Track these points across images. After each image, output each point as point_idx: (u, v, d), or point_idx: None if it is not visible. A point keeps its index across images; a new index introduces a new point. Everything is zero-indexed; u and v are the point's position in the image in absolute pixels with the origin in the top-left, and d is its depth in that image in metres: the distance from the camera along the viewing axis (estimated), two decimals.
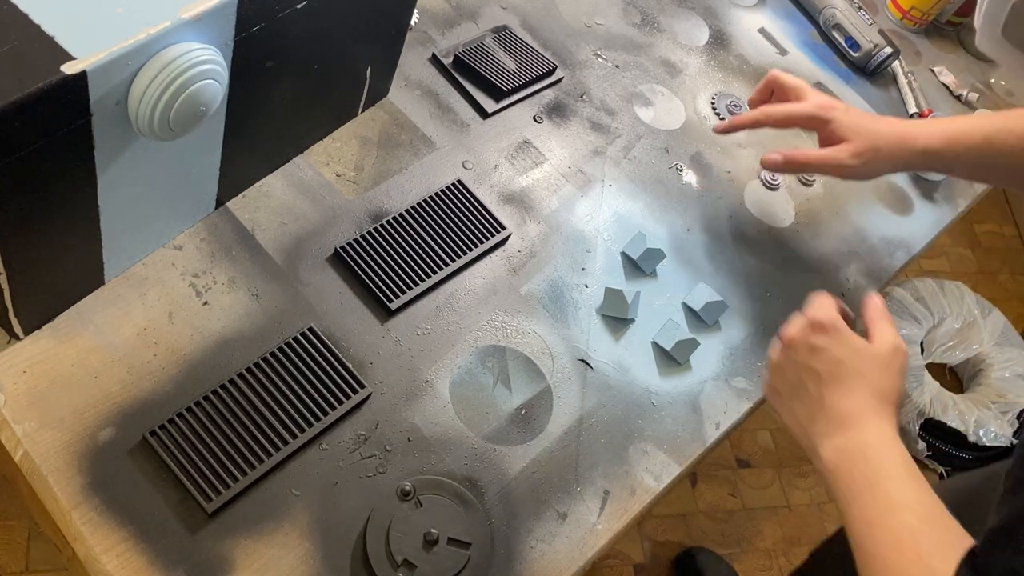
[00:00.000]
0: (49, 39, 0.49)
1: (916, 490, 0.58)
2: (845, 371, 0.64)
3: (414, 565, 0.62)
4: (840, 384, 0.64)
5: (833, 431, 0.63)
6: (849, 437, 0.62)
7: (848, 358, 0.65)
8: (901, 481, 0.59)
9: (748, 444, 1.78)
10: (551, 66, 0.96)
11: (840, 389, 0.64)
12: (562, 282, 0.82)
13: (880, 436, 0.62)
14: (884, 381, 0.64)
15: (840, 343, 0.66)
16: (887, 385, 0.64)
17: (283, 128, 0.74)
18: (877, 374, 0.64)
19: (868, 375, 0.64)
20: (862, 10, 1.19)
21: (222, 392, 0.65)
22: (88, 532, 0.58)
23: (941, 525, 0.56)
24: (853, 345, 0.66)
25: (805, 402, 0.66)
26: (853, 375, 0.64)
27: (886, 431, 0.62)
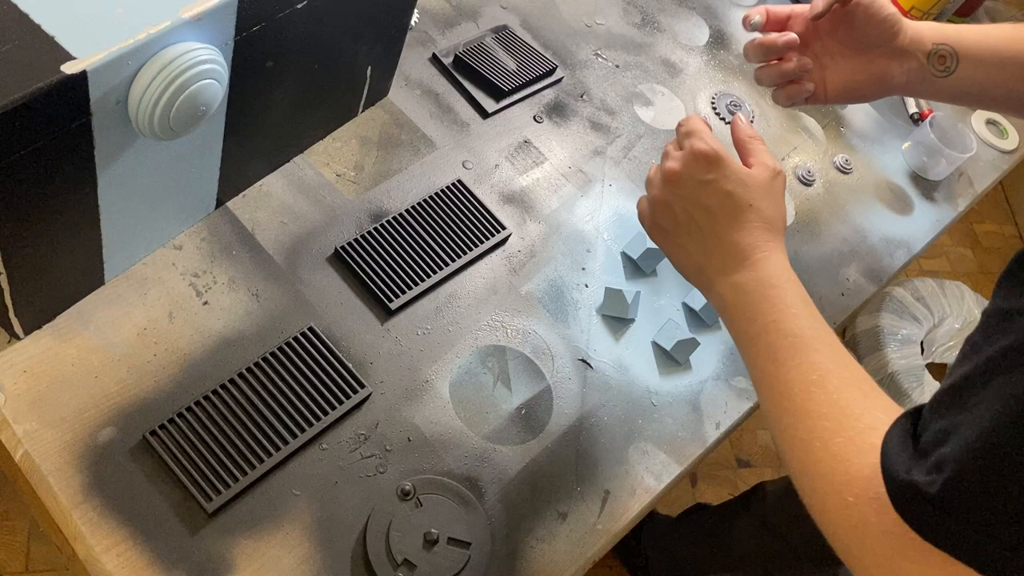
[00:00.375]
0: (49, 39, 0.49)
1: (817, 327, 0.58)
2: (735, 203, 0.63)
3: (414, 565, 0.62)
4: (733, 217, 0.63)
5: (730, 267, 0.62)
6: (748, 272, 0.62)
7: (737, 189, 0.63)
8: (804, 318, 0.58)
9: (748, 444, 1.78)
10: (551, 66, 0.96)
11: (734, 223, 0.63)
12: (562, 282, 0.82)
13: (778, 269, 0.61)
14: (772, 209, 0.64)
15: (727, 175, 0.64)
16: (775, 212, 0.64)
17: (283, 128, 0.74)
18: (765, 202, 0.64)
19: (757, 205, 0.63)
20: None
21: (222, 392, 0.65)
22: (88, 532, 0.58)
23: (849, 364, 0.56)
24: (739, 175, 0.64)
25: (697, 238, 0.65)
26: (744, 207, 0.63)
27: (782, 262, 0.62)
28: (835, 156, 1.06)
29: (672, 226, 0.67)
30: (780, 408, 0.57)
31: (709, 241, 0.64)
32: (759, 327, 0.60)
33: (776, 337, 0.59)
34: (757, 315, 0.60)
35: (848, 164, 1.05)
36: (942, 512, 0.43)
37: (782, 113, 1.08)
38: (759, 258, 0.62)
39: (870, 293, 0.96)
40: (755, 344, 0.60)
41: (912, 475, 0.44)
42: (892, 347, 1.87)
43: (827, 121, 1.10)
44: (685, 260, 0.67)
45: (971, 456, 0.42)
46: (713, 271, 0.64)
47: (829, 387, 0.55)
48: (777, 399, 0.57)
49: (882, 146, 1.11)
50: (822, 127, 1.09)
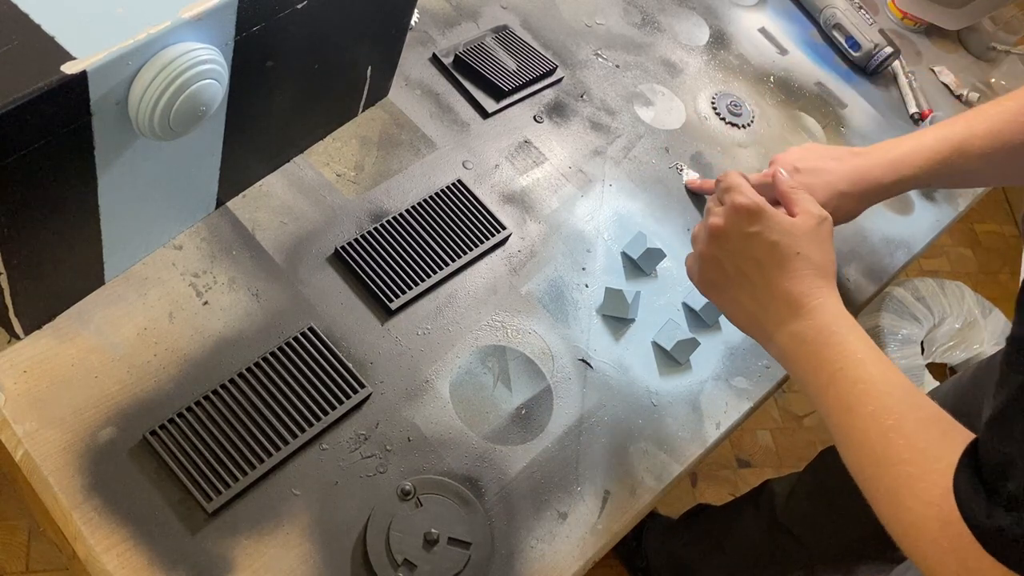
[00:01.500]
0: (49, 39, 0.49)
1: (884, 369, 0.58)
2: (783, 253, 0.64)
3: (414, 565, 0.62)
4: (783, 267, 0.63)
5: (786, 317, 0.63)
6: (805, 321, 0.62)
7: (783, 239, 0.64)
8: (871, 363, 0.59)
9: (748, 444, 1.78)
10: (551, 66, 0.96)
11: (784, 272, 0.63)
12: (562, 282, 0.82)
13: (835, 315, 0.61)
14: (820, 254, 0.64)
15: (771, 225, 0.64)
16: (824, 258, 0.64)
17: (283, 128, 0.74)
18: (813, 248, 0.64)
19: (805, 252, 0.64)
20: (863, 10, 1.19)
21: (222, 392, 0.65)
22: (88, 532, 0.58)
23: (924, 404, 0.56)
24: (783, 225, 0.65)
25: (748, 291, 0.65)
26: (791, 255, 0.63)
27: (838, 307, 0.62)
28: None
29: (723, 281, 0.67)
30: (861, 457, 0.56)
31: (761, 293, 0.64)
32: (826, 376, 0.60)
33: (845, 385, 0.58)
34: (823, 364, 0.60)
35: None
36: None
37: (782, 113, 1.08)
38: (814, 305, 0.62)
39: (870, 293, 0.96)
40: (825, 395, 0.60)
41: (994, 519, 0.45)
42: (892, 347, 1.87)
43: (827, 121, 1.10)
44: (740, 314, 0.67)
45: None
46: (770, 323, 0.64)
47: (906, 431, 0.54)
48: (856, 448, 0.57)
49: None
50: (822, 127, 1.09)
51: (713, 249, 0.67)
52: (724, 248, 0.66)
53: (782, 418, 1.86)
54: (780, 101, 1.09)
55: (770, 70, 1.12)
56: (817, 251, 0.64)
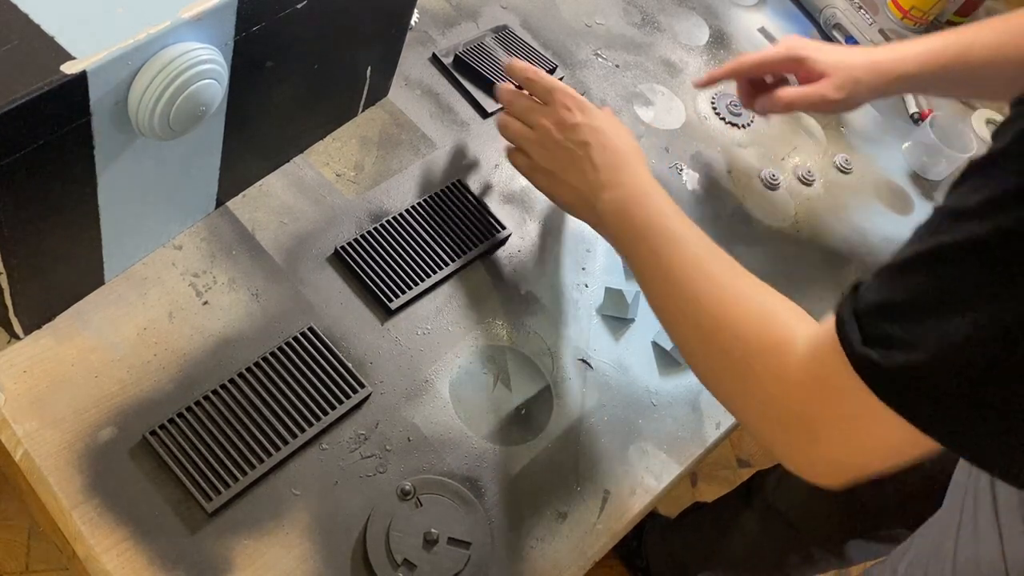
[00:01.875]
0: (49, 39, 0.49)
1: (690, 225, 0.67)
2: (605, 136, 0.73)
3: (414, 565, 0.62)
4: (605, 147, 0.72)
5: (608, 186, 0.71)
6: (625, 188, 0.70)
7: (603, 124, 0.74)
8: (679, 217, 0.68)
9: (748, 444, 1.78)
10: (551, 66, 0.96)
11: (607, 151, 0.72)
12: (562, 282, 0.82)
13: (650, 182, 0.71)
14: (629, 136, 0.75)
15: (591, 113, 0.74)
16: (632, 139, 0.75)
17: (283, 128, 0.74)
18: (622, 131, 0.75)
19: (622, 134, 0.74)
20: (862, 10, 1.19)
21: (222, 392, 0.65)
22: (88, 532, 0.58)
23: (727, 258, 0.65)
24: (600, 112, 0.75)
25: (579, 170, 0.73)
26: (613, 136, 0.73)
27: (651, 178, 0.71)
28: (835, 156, 1.06)
29: (555, 165, 0.75)
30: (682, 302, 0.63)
31: (589, 170, 0.72)
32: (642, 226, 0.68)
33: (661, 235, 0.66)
34: (640, 215, 0.68)
35: (848, 164, 1.05)
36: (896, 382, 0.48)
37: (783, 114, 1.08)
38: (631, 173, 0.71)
39: None
40: (641, 244, 0.67)
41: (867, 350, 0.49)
42: None
43: (827, 121, 1.10)
44: (568, 194, 0.74)
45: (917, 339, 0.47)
46: (594, 197, 0.71)
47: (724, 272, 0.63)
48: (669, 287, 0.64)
49: (882, 146, 1.10)
50: (822, 127, 1.09)
51: (542, 138, 0.75)
52: (552, 137, 0.74)
53: None
54: None
55: None
56: (627, 134, 0.75)
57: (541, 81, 0.77)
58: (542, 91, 0.76)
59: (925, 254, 0.48)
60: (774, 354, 0.56)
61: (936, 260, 0.47)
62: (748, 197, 0.97)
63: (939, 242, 0.47)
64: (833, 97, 0.85)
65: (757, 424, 0.58)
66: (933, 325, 0.46)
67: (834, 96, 0.85)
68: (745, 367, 0.57)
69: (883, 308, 0.49)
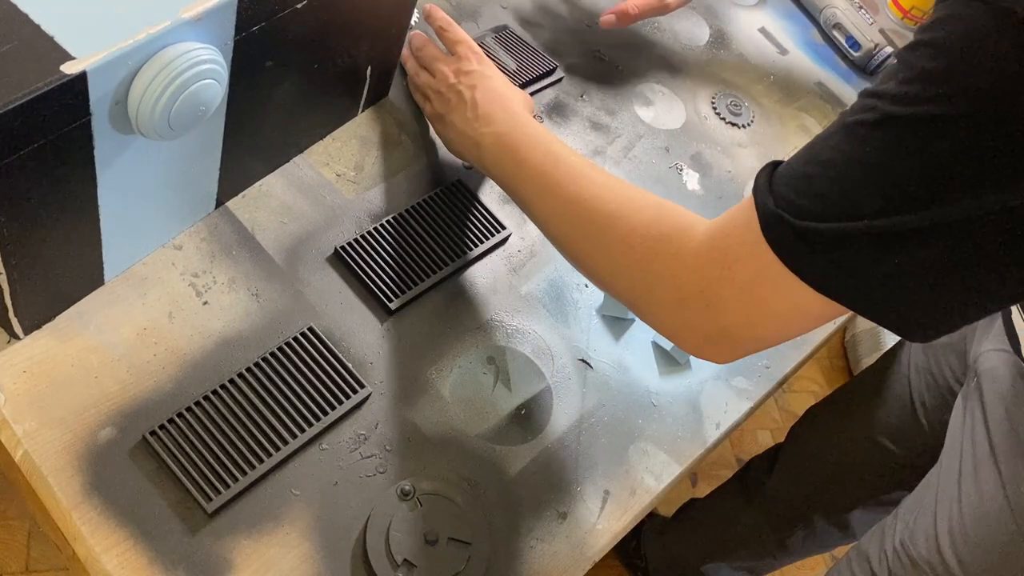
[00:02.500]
0: (49, 39, 0.49)
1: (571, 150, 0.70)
2: (494, 82, 0.77)
3: (414, 565, 0.62)
4: (491, 90, 0.77)
5: (489, 121, 0.74)
6: (507, 124, 0.73)
7: (497, 76, 0.79)
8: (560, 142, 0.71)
9: (748, 444, 1.78)
10: (551, 66, 0.96)
11: (491, 92, 0.76)
12: (562, 282, 0.82)
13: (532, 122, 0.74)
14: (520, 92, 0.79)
15: (489, 67, 0.80)
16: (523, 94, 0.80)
17: (283, 128, 0.74)
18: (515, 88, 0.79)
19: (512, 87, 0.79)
20: (863, 9, 1.19)
21: (222, 392, 0.65)
22: (88, 532, 0.58)
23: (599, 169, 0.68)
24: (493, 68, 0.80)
25: (463, 109, 0.76)
26: (502, 85, 0.78)
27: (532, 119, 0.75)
28: None
29: (445, 108, 0.78)
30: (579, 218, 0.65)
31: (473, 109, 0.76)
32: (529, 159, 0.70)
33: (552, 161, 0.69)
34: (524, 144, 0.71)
35: None
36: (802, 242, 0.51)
37: (782, 113, 1.08)
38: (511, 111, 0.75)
39: None
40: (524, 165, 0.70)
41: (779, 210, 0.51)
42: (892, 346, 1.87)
43: (827, 121, 1.10)
44: (457, 135, 0.77)
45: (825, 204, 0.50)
46: (479, 133, 0.74)
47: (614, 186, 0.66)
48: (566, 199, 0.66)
49: None
50: (822, 127, 1.09)
51: (438, 84, 0.80)
52: (447, 82, 0.79)
53: (782, 418, 1.86)
54: (780, 101, 1.09)
55: (770, 70, 1.12)
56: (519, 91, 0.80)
57: (451, 32, 0.83)
58: (450, 41, 0.82)
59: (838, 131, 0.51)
60: (675, 237, 0.58)
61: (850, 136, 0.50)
62: None
63: (853, 120, 0.50)
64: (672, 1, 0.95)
65: (657, 309, 0.60)
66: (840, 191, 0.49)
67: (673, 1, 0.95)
68: (644, 252, 0.60)
69: (796, 179, 0.52)
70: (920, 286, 0.49)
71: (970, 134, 0.45)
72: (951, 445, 0.87)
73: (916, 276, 0.49)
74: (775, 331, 0.56)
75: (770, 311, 0.54)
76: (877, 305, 0.51)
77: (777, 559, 1.25)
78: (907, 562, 0.86)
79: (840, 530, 1.15)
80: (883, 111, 0.48)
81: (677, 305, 0.58)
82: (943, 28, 0.46)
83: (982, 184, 0.45)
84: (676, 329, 0.60)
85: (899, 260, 0.48)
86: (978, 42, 0.44)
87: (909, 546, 0.86)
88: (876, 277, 0.49)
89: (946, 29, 0.46)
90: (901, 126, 0.47)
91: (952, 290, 0.49)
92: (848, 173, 0.49)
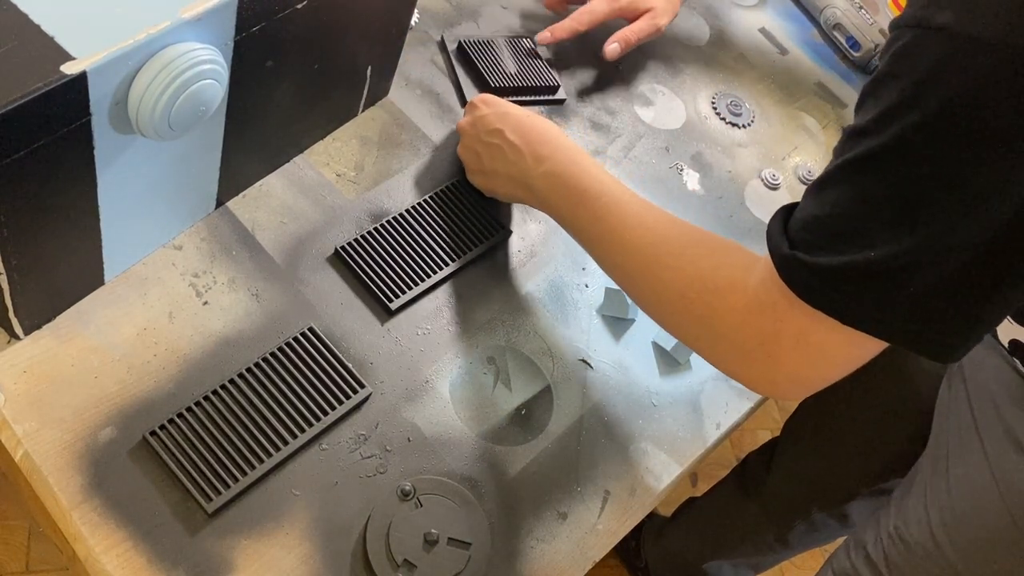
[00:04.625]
0: (49, 39, 0.49)
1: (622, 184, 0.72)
2: (524, 122, 0.77)
3: (414, 565, 0.62)
4: (527, 131, 0.77)
5: (536, 162, 0.75)
6: (553, 160, 0.74)
7: (517, 112, 0.79)
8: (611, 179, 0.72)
9: (748, 444, 1.78)
10: (554, 84, 0.94)
11: (530, 134, 0.76)
12: (562, 282, 0.82)
13: (574, 148, 0.75)
14: (535, 117, 0.79)
15: (495, 103, 0.80)
16: (540, 117, 0.79)
17: (283, 128, 0.74)
18: (535, 116, 0.79)
19: (538, 119, 0.78)
20: (863, 10, 1.19)
21: (222, 392, 0.65)
22: (88, 532, 0.58)
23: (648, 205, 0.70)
24: (504, 101, 0.81)
25: (509, 157, 0.77)
26: (521, 115, 0.78)
27: (572, 143, 0.76)
28: None
29: (487, 163, 0.79)
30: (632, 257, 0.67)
31: (517, 154, 0.76)
32: (578, 194, 0.71)
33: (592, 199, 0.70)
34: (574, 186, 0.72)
35: None
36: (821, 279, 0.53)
37: (782, 113, 1.08)
38: (557, 147, 0.75)
39: None
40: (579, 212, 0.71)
41: (793, 251, 0.54)
42: None
43: (827, 121, 1.10)
44: (506, 183, 0.78)
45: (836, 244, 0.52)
46: (528, 176, 0.75)
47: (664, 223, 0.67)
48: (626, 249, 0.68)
49: None
50: (822, 127, 1.09)
51: (470, 142, 0.80)
52: (479, 137, 0.79)
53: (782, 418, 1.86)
54: (780, 101, 1.09)
55: (770, 70, 1.12)
56: (532, 114, 0.79)
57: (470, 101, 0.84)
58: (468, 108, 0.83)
59: (836, 171, 0.53)
60: (728, 291, 0.60)
61: (845, 175, 0.53)
62: (748, 197, 0.97)
63: (845, 159, 0.52)
64: (664, 22, 0.97)
65: (721, 358, 0.62)
66: (849, 230, 0.52)
67: (664, 21, 0.97)
68: (703, 308, 0.61)
69: (808, 223, 0.55)
70: (945, 307, 0.51)
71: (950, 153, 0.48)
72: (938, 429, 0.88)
73: (939, 297, 0.51)
74: (840, 369, 0.58)
75: (828, 355, 0.56)
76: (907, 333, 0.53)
77: (778, 553, 1.25)
78: (901, 546, 0.86)
79: (839, 521, 1.16)
80: (868, 146, 0.51)
81: (742, 358, 0.60)
82: (907, 59, 0.49)
83: (977, 198, 0.48)
84: (746, 380, 0.62)
85: (916, 285, 0.50)
86: (944, 68, 0.47)
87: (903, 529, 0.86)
88: (902, 304, 0.51)
89: (911, 59, 0.49)
90: (887, 157, 0.50)
91: (976, 305, 0.51)
92: (854, 210, 0.52)
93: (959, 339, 0.53)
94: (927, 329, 0.52)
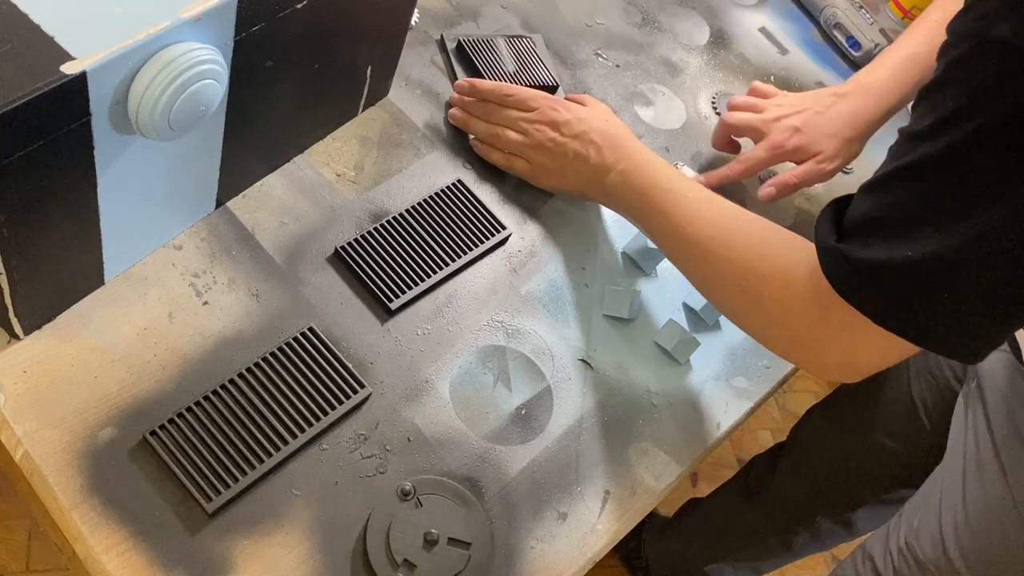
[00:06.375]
0: (49, 39, 0.49)
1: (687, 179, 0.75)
2: (594, 125, 0.80)
3: (414, 565, 0.62)
4: (599, 131, 0.79)
5: (611, 165, 0.78)
6: (627, 161, 0.77)
7: (587, 115, 0.81)
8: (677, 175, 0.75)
9: (748, 444, 1.78)
10: (553, 83, 0.94)
11: (601, 134, 0.79)
12: (562, 282, 0.82)
13: (644, 150, 0.78)
14: (616, 120, 0.82)
15: (572, 108, 0.82)
16: (613, 116, 0.82)
17: (283, 128, 0.74)
18: (602, 110, 0.82)
19: (608, 118, 0.81)
20: (863, 9, 1.19)
21: (222, 392, 0.65)
22: (88, 532, 0.58)
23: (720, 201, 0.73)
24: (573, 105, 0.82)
25: (581, 160, 0.79)
26: (598, 120, 0.80)
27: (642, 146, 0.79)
28: None
29: (554, 162, 0.81)
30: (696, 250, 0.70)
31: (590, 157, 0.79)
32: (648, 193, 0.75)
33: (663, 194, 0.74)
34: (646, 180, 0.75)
35: (849, 164, 1.05)
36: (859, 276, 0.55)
37: None
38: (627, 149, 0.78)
39: None
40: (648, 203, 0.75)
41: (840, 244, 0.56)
42: None
43: None
44: (578, 183, 0.81)
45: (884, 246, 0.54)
46: (601, 177, 0.78)
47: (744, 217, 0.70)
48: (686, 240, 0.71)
49: (883, 146, 1.10)
50: None
51: (539, 139, 0.81)
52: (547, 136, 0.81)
53: (782, 418, 1.86)
54: None
55: (770, 70, 1.12)
56: (608, 113, 0.82)
57: (519, 94, 0.84)
58: (521, 102, 0.84)
59: (891, 174, 0.55)
60: (777, 278, 0.63)
61: (899, 179, 0.55)
62: (749, 197, 0.97)
63: (900, 164, 0.54)
64: (832, 167, 0.89)
65: (774, 343, 0.66)
66: (896, 233, 0.54)
67: (832, 166, 0.89)
68: (755, 295, 0.65)
69: (858, 221, 0.57)
70: (977, 312, 0.53)
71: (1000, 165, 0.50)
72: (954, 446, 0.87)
73: (973, 302, 0.52)
74: (887, 358, 0.60)
75: (871, 344, 0.58)
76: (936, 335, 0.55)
77: (780, 558, 1.25)
78: (912, 562, 0.86)
79: (844, 529, 1.15)
80: (922, 153, 0.52)
81: (792, 343, 0.64)
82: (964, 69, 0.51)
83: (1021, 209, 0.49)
84: (800, 362, 0.67)
85: (953, 289, 0.52)
86: (999, 81, 0.48)
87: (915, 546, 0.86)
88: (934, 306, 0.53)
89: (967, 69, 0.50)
90: (939, 165, 0.52)
91: (1008, 312, 0.53)
92: (904, 214, 0.54)
93: (985, 343, 0.55)
94: (956, 332, 0.54)
